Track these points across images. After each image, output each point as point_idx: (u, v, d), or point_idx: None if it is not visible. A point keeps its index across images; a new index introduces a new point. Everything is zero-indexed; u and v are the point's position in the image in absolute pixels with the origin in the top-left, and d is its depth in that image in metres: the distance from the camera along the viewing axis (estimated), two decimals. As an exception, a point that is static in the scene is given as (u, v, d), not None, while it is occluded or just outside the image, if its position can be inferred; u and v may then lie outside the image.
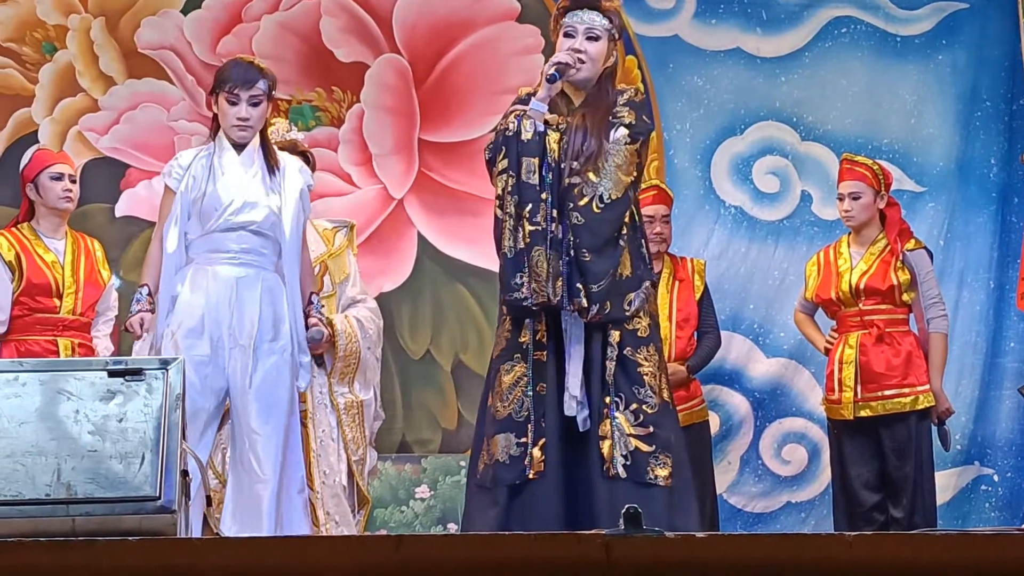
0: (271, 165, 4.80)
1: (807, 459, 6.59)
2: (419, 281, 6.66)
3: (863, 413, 5.63)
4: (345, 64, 6.70)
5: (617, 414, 4.31)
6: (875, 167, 5.78)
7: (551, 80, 4.35)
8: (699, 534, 2.82)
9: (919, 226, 6.27)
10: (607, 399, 4.33)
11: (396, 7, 6.72)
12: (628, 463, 4.29)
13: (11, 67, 6.58)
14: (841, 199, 5.78)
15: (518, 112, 4.40)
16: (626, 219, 4.37)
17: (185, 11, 6.64)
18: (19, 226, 5.54)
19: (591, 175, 4.31)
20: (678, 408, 5.82)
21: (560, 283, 4.29)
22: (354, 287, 5.69)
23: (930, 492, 5.66)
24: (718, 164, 6.74)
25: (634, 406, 4.33)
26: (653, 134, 4.65)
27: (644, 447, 4.31)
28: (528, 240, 4.30)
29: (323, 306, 5.01)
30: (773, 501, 6.58)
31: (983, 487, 6.58)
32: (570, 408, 4.35)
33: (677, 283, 6.03)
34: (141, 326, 4.68)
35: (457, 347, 6.66)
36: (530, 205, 4.31)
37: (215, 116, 4.80)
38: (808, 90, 6.76)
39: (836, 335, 5.78)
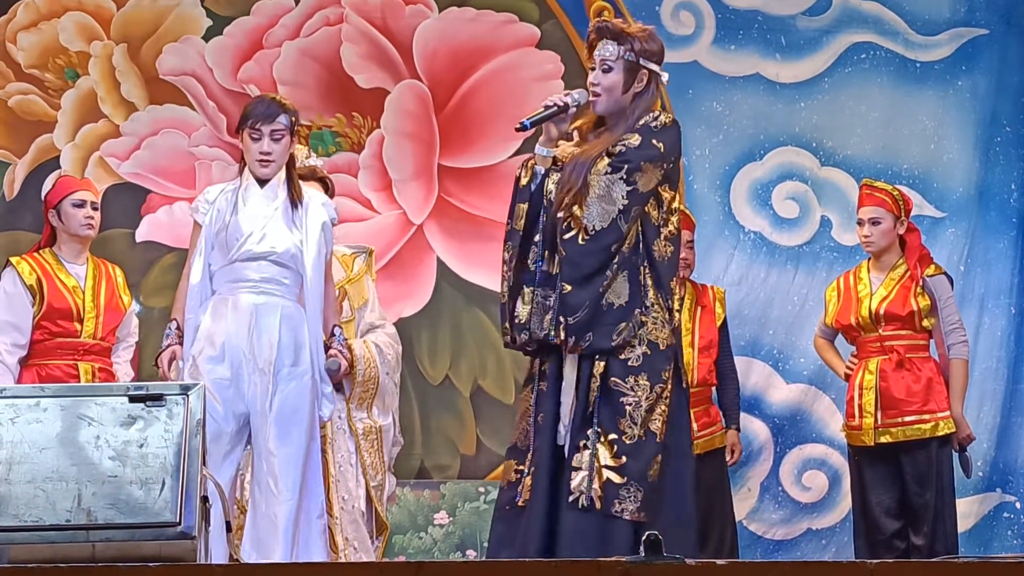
0: (294, 199, 4.86)
1: (827, 486, 6.56)
2: (438, 306, 6.66)
3: (883, 439, 5.61)
4: (365, 90, 6.72)
5: (599, 445, 4.27)
6: (895, 193, 5.77)
7: (530, 126, 4.40)
8: (720, 561, 2.81)
9: (939, 252, 6.26)
10: (588, 431, 4.30)
11: (416, 34, 6.74)
12: (600, 494, 4.24)
13: (34, 93, 6.62)
14: (861, 224, 5.77)
15: (526, 159, 4.50)
16: (624, 247, 4.34)
17: (206, 38, 6.68)
18: (41, 251, 5.57)
19: (576, 209, 4.32)
20: (700, 434, 5.82)
21: (548, 318, 4.31)
22: (373, 312, 5.69)
23: (951, 519, 5.63)
24: (737, 190, 6.74)
25: (612, 436, 4.27)
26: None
27: (616, 479, 4.25)
28: (515, 282, 4.39)
29: (346, 339, 5.03)
30: (793, 528, 6.55)
31: (1005, 514, 6.54)
32: (561, 437, 4.35)
33: (699, 309, 6.02)
34: (170, 362, 4.76)
35: (476, 373, 6.66)
36: (515, 250, 4.40)
37: (242, 154, 4.89)
38: (828, 116, 6.76)
39: (856, 361, 5.77)
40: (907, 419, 5.60)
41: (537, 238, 4.40)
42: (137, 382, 4.67)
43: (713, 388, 6.05)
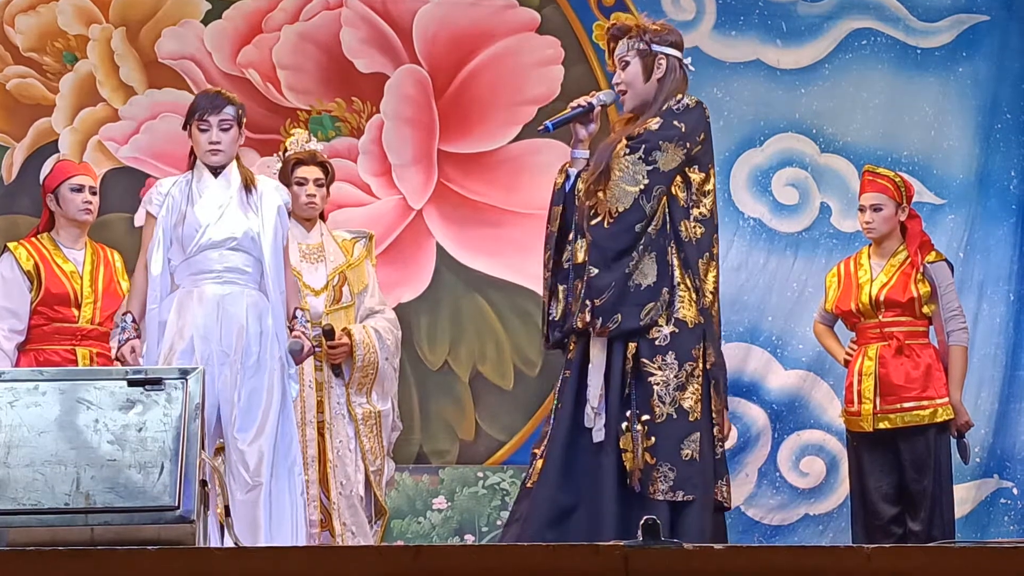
0: (248, 186, 4.93)
1: (825, 471, 6.57)
2: (437, 292, 6.66)
3: (882, 425, 5.62)
4: (365, 75, 6.71)
5: (637, 426, 4.32)
6: (897, 179, 5.77)
7: (554, 128, 4.52)
8: (717, 546, 2.82)
9: (939, 238, 6.25)
10: (628, 412, 4.34)
11: (416, 18, 6.73)
12: (639, 476, 4.32)
13: (32, 76, 6.61)
14: (862, 211, 5.77)
15: (564, 164, 4.63)
16: (651, 228, 4.39)
17: (205, 21, 6.66)
18: (39, 236, 5.56)
19: (600, 194, 4.42)
20: None
21: (577, 303, 4.41)
22: (372, 298, 5.69)
23: (948, 505, 5.64)
24: (737, 176, 6.73)
25: (645, 417, 4.34)
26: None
27: (650, 459, 4.33)
28: (549, 285, 4.56)
29: (308, 321, 5.08)
30: (791, 513, 6.56)
31: (1002, 500, 6.55)
32: (588, 419, 4.39)
33: None
34: (132, 353, 4.78)
35: (475, 358, 6.65)
36: (551, 252, 4.54)
37: (191, 149, 4.98)
38: (828, 102, 6.75)
39: (855, 347, 5.77)
40: (906, 405, 5.60)
41: (571, 236, 4.51)
42: (135, 366, 4.69)
43: None
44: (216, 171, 4.93)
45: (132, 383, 3.26)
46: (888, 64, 6.77)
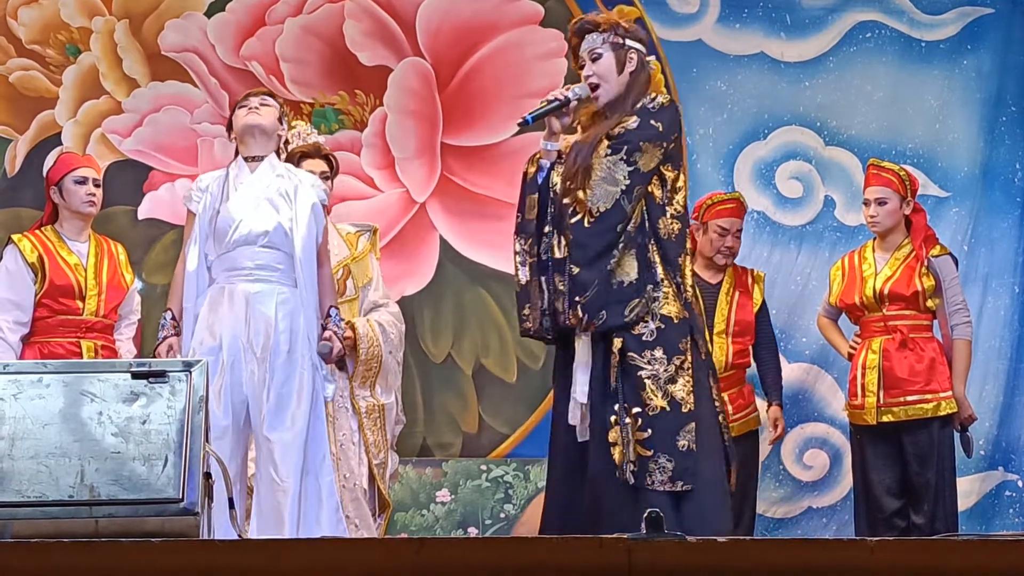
0: (284, 181, 4.90)
1: (829, 464, 6.57)
2: (441, 285, 6.66)
3: (885, 418, 5.62)
4: (368, 68, 6.71)
5: (626, 420, 4.36)
6: (902, 173, 5.76)
7: (532, 120, 4.50)
8: (720, 538, 2.82)
9: (943, 231, 6.25)
10: (615, 407, 4.39)
11: (419, 11, 6.73)
12: (635, 469, 4.34)
13: (35, 69, 6.61)
14: (867, 204, 5.76)
15: (533, 154, 4.61)
16: (630, 226, 4.42)
17: (209, 14, 6.66)
18: (43, 229, 5.56)
19: (580, 193, 4.42)
20: (735, 416, 5.83)
21: (561, 301, 4.42)
22: (376, 291, 5.69)
23: (951, 498, 5.64)
24: (741, 169, 6.72)
25: (636, 410, 4.38)
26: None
27: (644, 451, 4.36)
28: (531, 273, 4.51)
29: (342, 320, 5.02)
30: (794, 506, 6.56)
31: (1007, 492, 6.55)
32: (573, 416, 4.46)
33: (737, 294, 6.00)
34: (170, 351, 4.77)
35: (479, 351, 6.66)
36: (530, 240, 4.52)
37: (235, 138, 4.99)
38: (832, 95, 6.75)
39: (859, 340, 5.77)
40: (909, 399, 5.60)
41: (547, 229, 4.51)
42: (140, 359, 4.69)
43: (745, 370, 6.03)
44: (254, 164, 4.91)
45: (136, 376, 3.26)
46: (892, 57, 6.76)
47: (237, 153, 4.98)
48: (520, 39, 6.76)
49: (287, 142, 5.74)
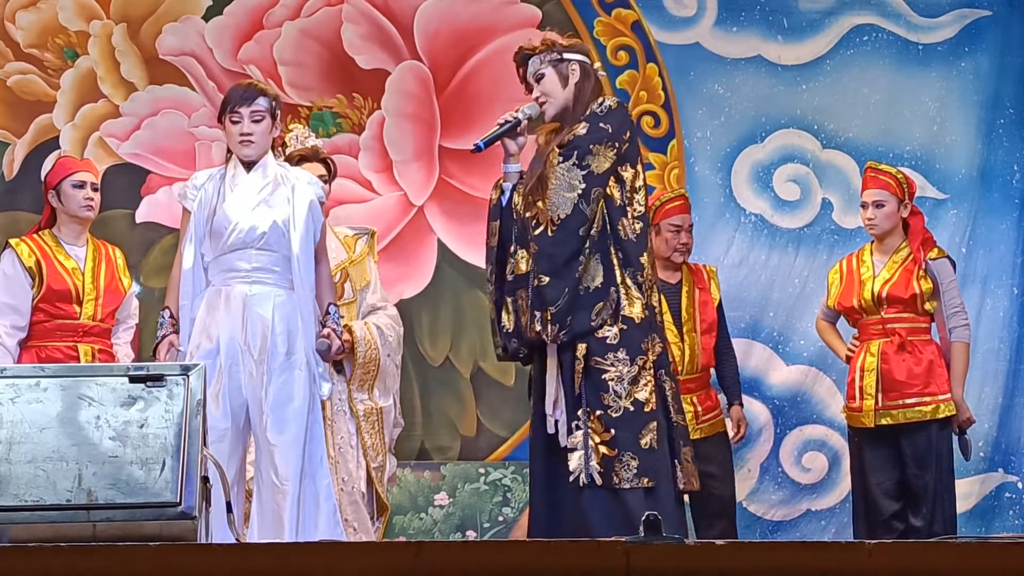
0: (281, 180, 4.87)
1: (827, 467, 6.57)
2: (439, 288, 6.66)
3: (884, 421, 5.62)
4: (366, 71, 6.71)
5: (589, 424, 4.43)
6: (899, 176, 5.77)
7: (484, 146, 4.62)
8: (719, 542, 2.82)
9: (941, 233, 6.25)
10: (579, 411, 4.46)
11: (417, 14, 6.73)
12: (601, 471, 4.40)
13: (33, 73, 6.61)
14: (864, 207, 5.77)
15: (497, 179, 4.72)
16: (593, 230, 4.49)
17: (207, 17, 6.66)
18: (40, 233, 5.56)
19: (540, 204, 4.51)
20: (704, 418, 5.85)
21: (527, 314, 4.51)
22: (374, 294, 5.69)
23: (950, 501, 5.64)
24: (739, 172, 6.73)
25: (599, 412, 4.44)
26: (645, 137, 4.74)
27: (608, 452, 4.42)
28: (496, 298, 4.64)
29: (341, 317, 5.01)
30: (793, 509, 6.56)
31: (1007, 494, 6.55)
32: (550, 426, 4.55)
33: (698, 291, 6.01)
34: (170, 349, 4.76)
35: (476, 354, 6.65)
36: (491, 269, 4.65)
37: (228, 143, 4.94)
38: (829, 98, 6.75)
39: (858, 343, 5.77)
40: (908, 401, 5.60)
41: (511, 248, 4.60)
42: (137, 363, 4.69)
43: (710, 371, 6.04)
44: (249, 165, 4.86)
45: (133, 380, 3.26)
46: (890, 60, 6.77)
47: (230, 152, 4.94)
48: (518, 42, 6.70)
49: (284, 144, 5.75)
